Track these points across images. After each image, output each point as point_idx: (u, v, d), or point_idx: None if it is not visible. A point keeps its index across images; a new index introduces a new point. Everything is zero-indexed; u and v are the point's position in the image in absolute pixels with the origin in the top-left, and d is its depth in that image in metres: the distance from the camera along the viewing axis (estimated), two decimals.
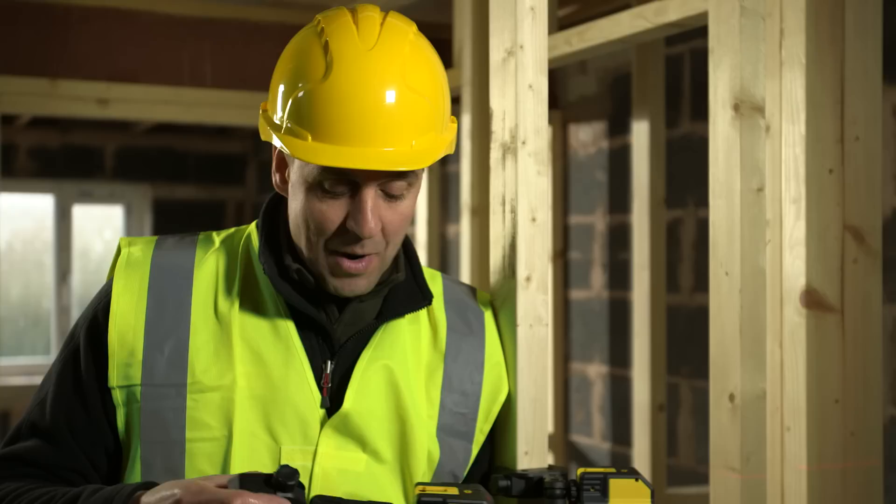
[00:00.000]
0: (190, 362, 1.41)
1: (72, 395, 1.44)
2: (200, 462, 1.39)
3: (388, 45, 1.38)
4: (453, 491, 1.32)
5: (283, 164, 1.45)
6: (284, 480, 1.22)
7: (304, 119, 1.36)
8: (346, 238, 1.39)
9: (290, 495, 1.23)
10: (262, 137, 1.45)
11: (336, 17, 1.41)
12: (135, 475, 1.41)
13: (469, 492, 1.32)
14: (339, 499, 1.29)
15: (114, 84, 4.07)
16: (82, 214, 6.28)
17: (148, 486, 1.31)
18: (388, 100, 1.35)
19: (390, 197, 1.39)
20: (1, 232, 3.94)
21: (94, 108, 4.04)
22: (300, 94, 1.37)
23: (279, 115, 1.41)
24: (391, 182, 1.38)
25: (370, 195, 1.37)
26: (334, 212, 1.38)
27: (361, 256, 1.40)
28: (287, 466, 1.23)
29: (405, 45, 1.39)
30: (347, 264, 1.40)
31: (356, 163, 1.34)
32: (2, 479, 1.42)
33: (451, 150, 1.46)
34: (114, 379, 1.41)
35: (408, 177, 1.39)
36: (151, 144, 6.29)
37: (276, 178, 1.47)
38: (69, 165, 6.11)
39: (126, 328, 1.42)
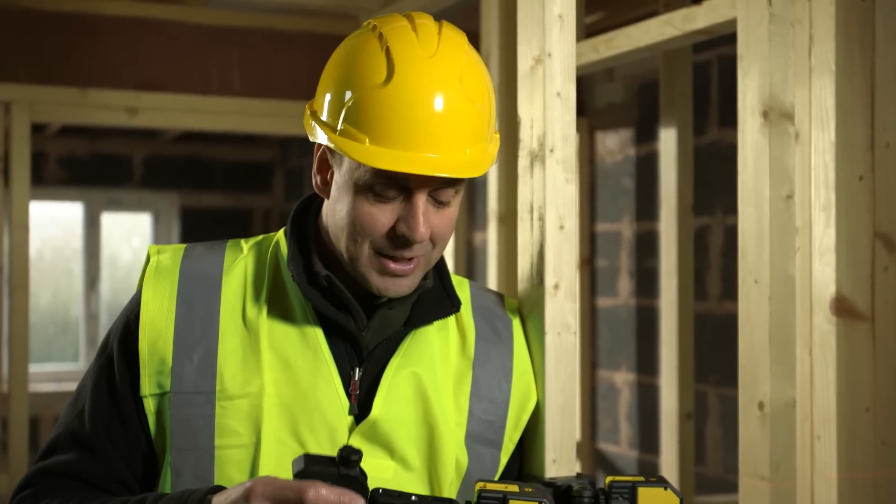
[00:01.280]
0: (219, 370, 1.41)
1: (108, 406, 1.44)
2: (230, 469, 1.39)
3: (448, 54, 1.38)
4: (513, 488, 1.32)
5: (326, 165, 1.45)
6: (349, 456, 1.23)
7: (362, 122, 1.36)
8: (394, 242, 1.39)
9: (354, 472, 1.24)
10: (311, 138, 1.44)
11: (394, 23, 1.41)
12: (166, 483, 1.42)
13: (529, 490, 1.32)
14: (402, 492, 1.29)
15: (142, 93, 4.10)
16: (111, 222, 6.32)
17: (217, 489, 1.32)
18: (447, 107, 1.36)
19: (439, 203, 1.40)
20: (31, 240, 3.97)
21: (123, 117, 4.07)
22: (358, 97, 1.37)
23: (330, 116, 1.40)
24: (442, 189, 1.39)
25: (422, 200, 1.37)
26: (385, 216, 1.38)
27: (409, 259, 1.41)
28: (350, 446, 1.24)
29: (462, 54, 1.40)
30: (394, 266, 1.40)
31: (416, 168, 1.34)
32: (49, 492, 1.42)
33: (495, 161, 1.47)
34: (146, 387, 1.42)
35: (457, 184, 1.40)
36: (179, 153, 6.33)
37: (316, 179, 1.47)
38: (98, 173, 6.16)
39: (156, 336, 1.43)
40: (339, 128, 1.39)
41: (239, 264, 1.48)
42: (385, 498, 1.27)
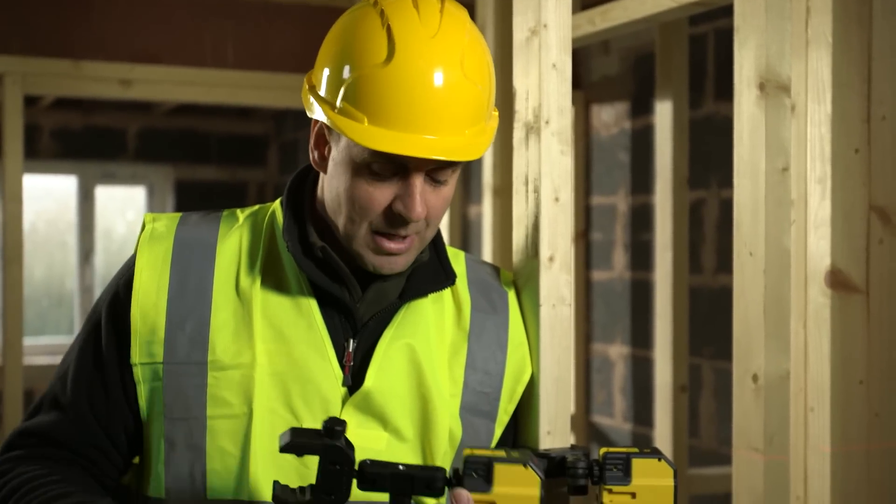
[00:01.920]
0: (211, 340, 1.41)
1: (92, 372, 1.44)
2: (222, 439, 1.39)
3: (449, 33, 1.37)
4: (500, 453, 1.33)
5: (323, 140, 1.44)
6: (332, 426, 1.26)
7: (362, 101, 1.36)
8: (391, 220, 1.39)
9: (340, 443, 1.26)
10: (309, 114, 1.44)
11: (395, 0, 1.40)
12: (158, 453, 1.42)
13: (516, 454, 1.33)
14: (389, 462, 1.30)
15: (136, 65, 4.08)
16: (105, 195, 6.30)
17: None
18: (447, 89, 1.35)
19: (436, 182, 1.40)
20: (24, 213, 3.96)
21: (117, 89, 4.05)
22: (358, 75, 1.36)
23: (329, 92, 1.40)
24: (440, 169, 1.39)
25: (419, 180, 1.37)
26: (382, 194, 1.38)
27: (404, 237, 1.40)
28: (335, 418, 1.27)
29: (464, 33, 1.39)
30: (389, 244, 1.40)
31: (415, 151, 1.34)
32: (20, 460, 1.43)
33: (493, 139, 1.46)
34: (136, 356, 1.42)
35: (455, 164, 1.39)
36: (173, 126, 6.31)
37: (314, 154, 1.46)
38: (92, 147, 6.14)
39: (148, 304, 1.43)
40: (337, 105, 1.38)
41: (234, 234, 1.48)
42: (373, 468, 1.28)
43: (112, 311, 1.46)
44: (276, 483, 1.28)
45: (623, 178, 4.03)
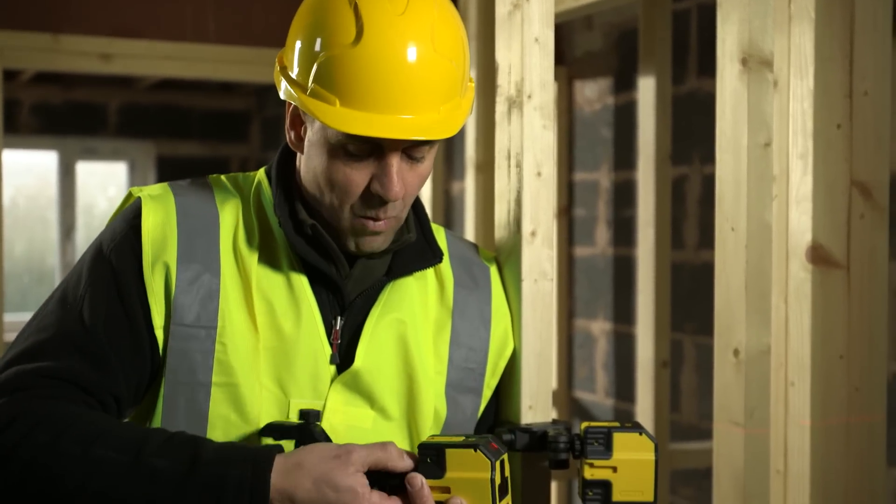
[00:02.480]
0: (221, 307, 1.39)
1: (114, 317, 1.38)
2: (223, 407, 1.39)
3: (418, 9, 1.35)
4: (458, 439, 1.33)
5: (298, 120, 1.43)
6: (308, 415, 1.33)
7: (332, 84, 1.34)
8: (370, 201, 1.38)
9: (315, 431, 1.32)
10: (282, 96, 1.42)
11: None
12: (156, 415, 1.40)
13: (473, 439, 1.33)
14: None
15: (116, 39, 4.04)
16: (86, 171, 6.27)
17: (280, 449, 1.31)
18: (418, 67, 1.34)
19: (413, 159, 1.39)
20: (4, 188, 3.93)
21: (97, 64, 4.02)
22: (328, 57, 1.34)
23: (300, 74, 1.38)
24: (416, 147, 1.38)
25: (395, 159, 1.36)
26: (359, 175, 1.37)
27: (384, 218, 1.40)
28: (309, 410, 1.34)
29: (433, 7, 1.37)
30: (371, 224, 1.39)
31: (388, 132, 1.33)
32: (56, 400, 1.32)
33: (470, 112, 1.45)
34: (157, 316, 1.39)
35: (431, 141, 1.38)
36: (155, 101, 6.27)
37: (290, 135, 1.45)
38: (72, 122, 6.10)
39: (159, 257, 1.39)
40: (308, 87, 1.36)
41: (230, 203, 1.46)
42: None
43: (123, 258, 1.39)
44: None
45: (606, 154, 4.03)
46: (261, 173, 1.51)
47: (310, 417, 1.36)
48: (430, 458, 1.31)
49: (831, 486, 1.76)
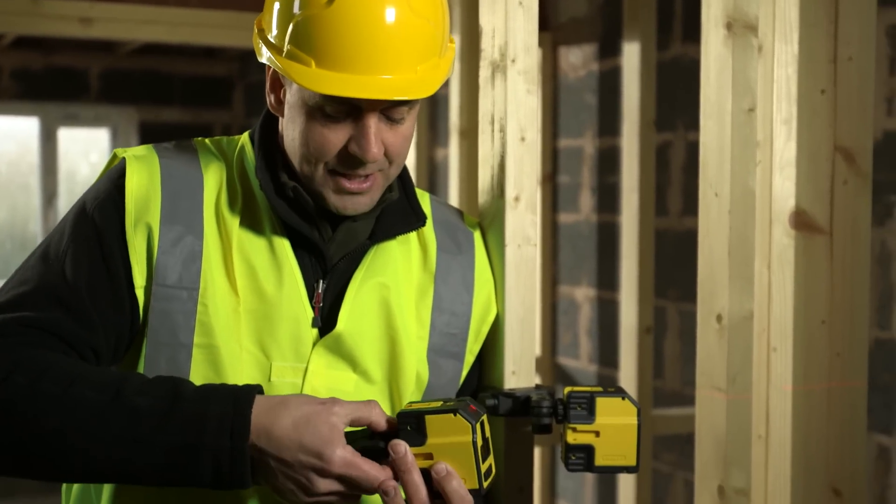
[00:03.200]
0: (203, 269, 1.39)
1: (95, 272, 1.37)
2: (204, 369, 1.38)
3: None
4: (436, 405, 1.33)
5: (278, 84, 1.43)
6: None
7: (307, 45, 1.34)
8: (348, 161, 1.38)
9: None
10: (259, 59, 1.42)
11: None
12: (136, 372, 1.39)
13: (451, 403, 1.33)
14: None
15: (97, 3, 4.00)
16: (68, 137, 6.23)
17: (259, 389, 1.31)
18: (393, 26, 1.33)
19: (392, 120, 1.38)
20: None
21: (77, 28, 3.98)
22: (303, 17, 1.34)
23: (277, 37, 1.38)
24: (394, 107, 1.37)
25: (373, 121, 1.36)
26: (336, 136, 1.37)
27: (364, 176, 1.39)
28: None
29: None
30: (349, 185, 1.39)
31: (363, 92, 1.32)
32: (32, 346, 1.32)
33: (450, 73, 1.44)
34: (138, 276, 1.38)
35: (410, 102, 1.38)
36: (137, 66, 6.22)
37: (270, 98, 1.45)
38: (54, 88, 6.05)
39: (141, 217, 1.39)
40: (285, 49, 1.36)
41: (213, 166, 1.46)
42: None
43: (106, 217, 1.39)
44: None
45: (590, 121, 4.02)
46: (244, 137, 1.51)
47: None
48: (411, 425, 1.30)
49: (812, 451, 1.77)
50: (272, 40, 1.39)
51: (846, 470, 1.79)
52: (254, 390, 1.29)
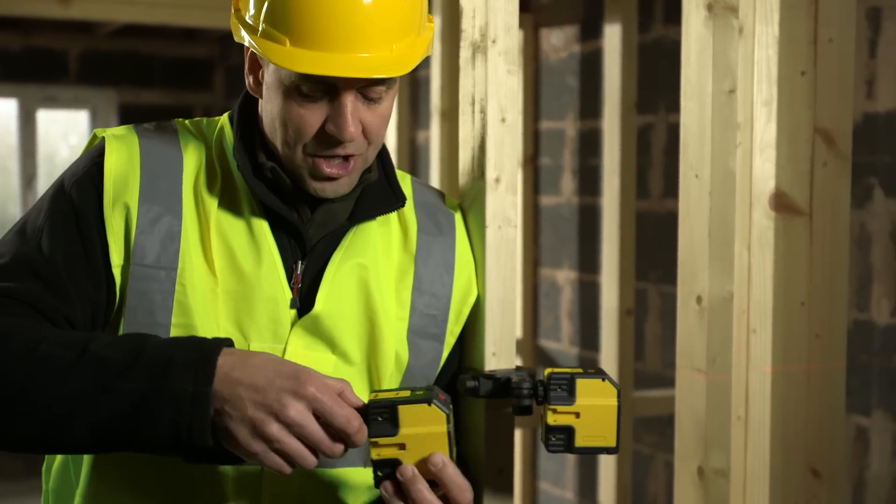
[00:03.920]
0: (182, 249, 1.39)
1: (71, 247, 1.37)
2: None
3: None
4: (405, 394, 1.32)
5: (257, 65, 1.43)
6: None
7: (282, 22, 1.33)
8: (326, 142, 1.37)
9: None
10: (236, 38, 1.42)
11: None
12: None
13: (420, 392, 1.33)
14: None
15: None
16: (47, 119, 6.18)
17: (229, 342, 1.28)
18: (368, 4, 1.32)
19: (369, 100, 1.37)
20: None
21: (56, 8, 3.95)
22: None
23: (253, 16, 1.37)
24: (371, 86, 1.36)
25: (349, 100, 1.35)
26: (313, 116, 1.36)
27: (343, 158, 1.38)
28: None
29: None
30: (328, 169, 1.38)
31: (337, 70, 1.31)
32: (9, 315, 1.31)
33: (429, 52, 1.44)
34: (115, 255, 1.38)
35: (387, 81, 1.37)
36: (116, 48, 6.18)
37: (249, 79, 1.45)
38: (32, 69, 6.00)
39: (119, 196, 1.39)
40: (260, 28, 1.36)
41: (193, 147, 1.46)
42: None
43: (84, 194, 1.39)
44: None
45: (572, 103, 4.02)
46: (224, 118, 1.50)
47: None
48: (382, 416, 1.29)
49: (791, 432, 1.78)
50: (248, 20, 1.39)
51: (825, 450, 1.80)
52: (222, 341, 1.28)
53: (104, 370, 1.23)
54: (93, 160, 1.42)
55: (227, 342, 1.28)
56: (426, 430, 1.29)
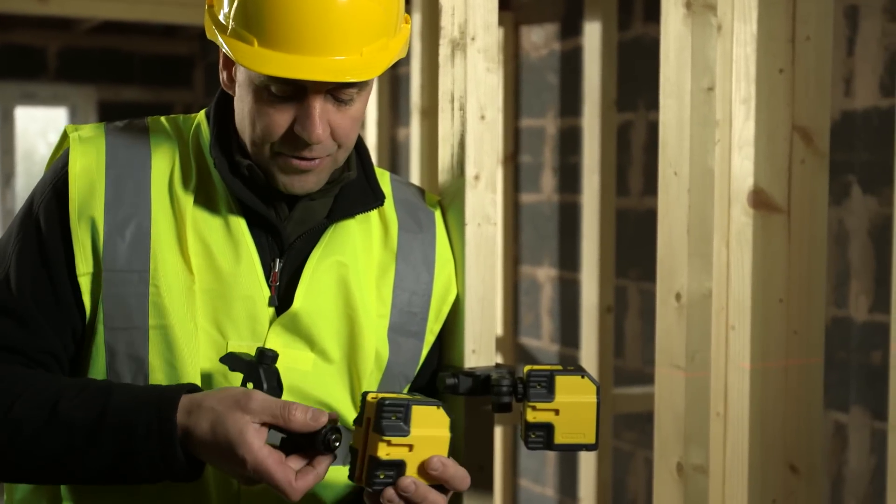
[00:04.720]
0: (153, 249, 1.38)
1: (37, 274, 1.39)
2: (163, 349, 1.38)
3: None
4: (417, 396, 1.34)
5: (230, 62, 1.42)
6: (263, 352, 1.34)
7: (251, 22, 1.33)
8: (293, 143, 1.36)
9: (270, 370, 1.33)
10: (208, 36, 1.41)
11: None
12: (98, 361, 1.39)
13: (419, 396, 1.34)
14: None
15: None
16: (25, 116, 6.15)
17: (192, 388, 1.33)
18: (337, 7, 1.31)
19: (340, 102, 1.37)
20: None
21: (34, 5, 3.92)
22: None
23: (225, 15, 1.37)
24: (341, 89, 1.35)
25: (318, 102, 1.34)
26: (282, 116, 1.35)
27: (311, 158, 1.38)
28: (262, 349, 1.34)
29: None
30: (297, 162, 1.38)
31: (303, 73, 1.31)
32: None
33: (404, 54, 1.43)
34: (81, 264, 1.38)
35: (357, 84, 1.36)
36: (95, 45, 6.15)
37: (223, 76, 1.44)
38: (10, 66, 5.97)
39: (85, 209, 1.39)
40: (230, 27, 1.35)
41: (165, 144, 1.45)
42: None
43: (50, 214, 1.40)
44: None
45: (552, 101, 4.02)
46: (201, 115, 1.49)
47: (265, 357, 1.34)
48: (396, 415, 1.29)
49: (770, 428, 1.79)
50: (221, 18, 1.38)
51: (803, 447, 1.81)
52: (180, 392, 1.31)
53: (73, 434, 1.30)
54: (57, 173, 1.42)
55: (186, 388, 1.32)
56: (433, 434, 1.30)
